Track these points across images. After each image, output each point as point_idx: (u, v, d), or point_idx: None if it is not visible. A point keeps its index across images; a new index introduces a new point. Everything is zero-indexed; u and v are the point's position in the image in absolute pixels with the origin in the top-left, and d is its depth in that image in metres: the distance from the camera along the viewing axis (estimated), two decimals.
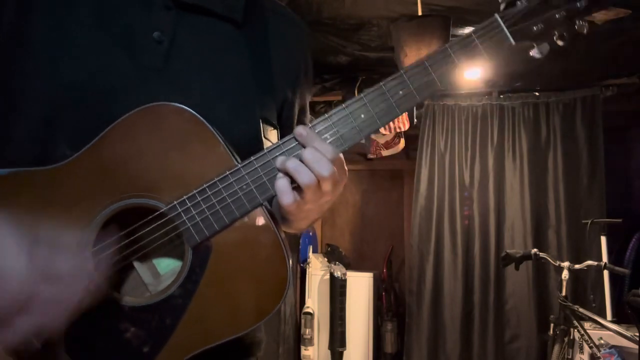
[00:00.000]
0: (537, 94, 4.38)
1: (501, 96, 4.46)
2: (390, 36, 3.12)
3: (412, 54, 2.84)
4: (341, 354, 4.39)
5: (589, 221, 3.27)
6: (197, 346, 0.77)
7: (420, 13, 2.99)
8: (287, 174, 0.77)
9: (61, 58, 0.80)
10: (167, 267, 0.83)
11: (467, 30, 3.58)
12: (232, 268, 0.79)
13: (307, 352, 4.36)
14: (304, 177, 0.76)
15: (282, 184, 0.77)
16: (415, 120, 4.35)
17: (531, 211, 4.26)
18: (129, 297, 0.79)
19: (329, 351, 4.41)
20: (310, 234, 4.86)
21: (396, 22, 2.99)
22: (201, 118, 0.78)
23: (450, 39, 2.86)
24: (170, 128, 0.78)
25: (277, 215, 0.88)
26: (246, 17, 0.93)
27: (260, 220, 0.80)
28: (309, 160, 0.76)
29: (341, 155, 0.79)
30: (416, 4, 2.97)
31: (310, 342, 4.36)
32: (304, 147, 0.78)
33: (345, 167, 0.81)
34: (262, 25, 0.96)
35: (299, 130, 0.78)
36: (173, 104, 0.77)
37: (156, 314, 0.77)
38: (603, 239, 3.27)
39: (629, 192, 5.21)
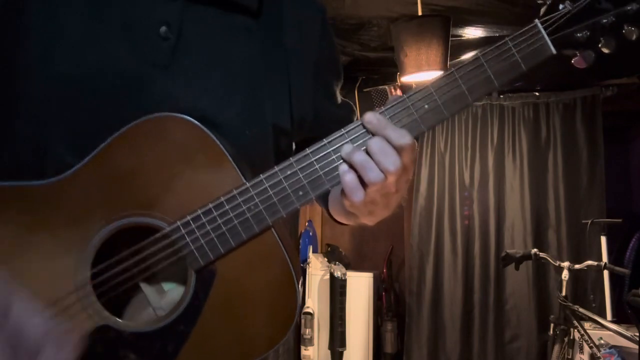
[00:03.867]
0: (537, 94, 4.38)
1: (501, 96, 4.46)
2: (390, 36, 3.12)
3: (412, 54, 2.84)
4: (341, 354, 4.38)
5: (589, 221, 3.26)
6: None
7: (420, 13, 2.99)
8: (352, 166, 0.70)
9: (58, 52, 0.75)
10: (174, 287, 0.78)
11: (467, 30, 3.60)
12: (237, 294, 0.74)
13: (307, 352, 4.35)
14: (372, 174, 0.69)
15: (350, 180, 0.70)
16: None
17: (531, 211, 4.26)
18: (130, 322, 0.75)
19: (329, 351, 4.41)
20: (311, 234, 4.85)
21: (396, 22, 2.99)
22: (208, 131, 0.72)
23: (451, 39, 2.86)
24: (175, 142, 0.73)
25: (339, 206, 0.82)
26: (261, 4, 0.86)
27: (269, 244, 0.74)
28: (376, 151, 0.69)
29: (414, 141, 0.71)
30: (416, 4, 2.97)
31: (310, 342, 4.35)
32: (372, 135, 0.71)
33: (415, 154, 0.73)
34: (277, 13, 0.88)
35: (369, 116, 0.71)
36: (179, 115, 0.72)
37: (157, 340, 0.73)
38: (603, 239, 3.27)
39: (629, 192, 5.21)
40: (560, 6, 0.72)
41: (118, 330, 0.73)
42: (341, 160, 0.72)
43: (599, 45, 0.73)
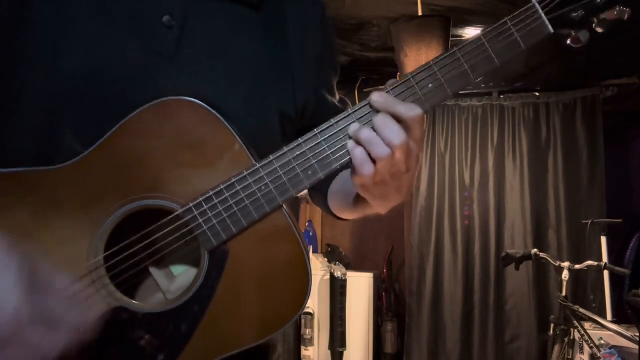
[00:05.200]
0: (537, 94, 4.38)
1: (501, 96, 4.46)
2: (390, 36, 3.12)
3: (412, 54, 2.84)
4: (341, 354, 4.38)
5: (589, 221, 3.26)
6: (215, 354, 0.74)
7: (420, 13, 2.99)
8: (359, 143, 0.72)
9: (64, 45, 0.76)
10: (184, 271, 0.79)
11: (467, 30, 3.60)
12: (250, 273, 0.75)
13: (307, 352, 4.35)
14: (378, 149, 0.71)
15: (359, 153, 0.71)
16: None
17: (531, 211, 4.26)
18: (144, 303, 0.76)
19: (329, 351, 4.41)
20: (311, 234, 4.86)
21: (396, 22, 3.00)
22: (217, 114, 0.74)
23: (451, 39, 2.86)
24: (184, 125, 0.74)
25: (346, 200, 0.83)
26: None
27: (280, 223, 0.75)
28: (379, 125, 0.71)
29: (424, 114, 0.73)
30: (416, 4, 2.97)
31: (310, 342, 4.35)
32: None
33: (424, 129, 0.76)
34: (279, 8, 0.91)
35: (375, 95, 0.73)
36: (187, 98, 0.74)
37: (171, 320, 0.74)
38: (603, 239, 3.27)
39: (629, 192, 5.21)
40: None
41: (132, 311, 0.74)
42: (348, 139, 0.74)
43: (593, 25, 0.75)
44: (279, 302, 0.76)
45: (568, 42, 0.77)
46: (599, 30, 0.75)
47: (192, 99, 0.74)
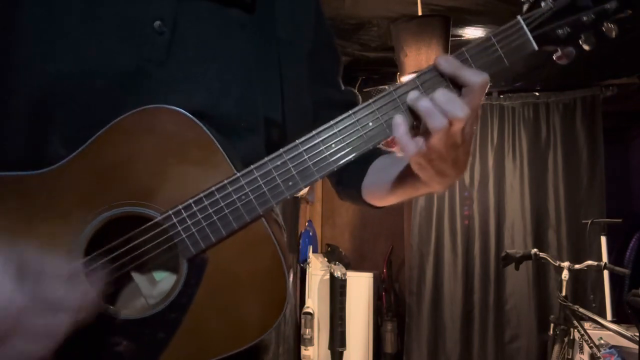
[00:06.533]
0: (537, 94, 4.38)
1: (501, 96, 4.46)
2: (390, 36, 3.12)
3: (412, 54, 2.84)
4: (341, 354, 4.38)
5: (589, 221, 3.26)
6: None
7: (420, 13, 2.99)
8: (417, 114, 0.71)
9: (55, 49, 0.76)
10: (166, 277, 0.79)
11: (467, 30, 3.60)
12: (229, 281, 0.75)
13: (307, 352, 4.35)
14: (435, 121, 0.69)
15: (402, 132, 0.70)
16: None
17: (531, 211, 4.26)
18: (123, 309, 0.76)
19: (329, 351, 4.41)
20: (310, 234, 4.85)
21: (396, 22, 3.00)
22: (198, 122, 0.73)
23: (451, 39, 2.86)
24: (166, 133, 0.73)
25: (387, 187, 0.82)
26: None
27: (259, 232, 0.75)
28: (441, 101, 0.69)
29: (488, 80, 0.71)
30: (416, 4, 2.98)
31: (310, 342, 4.35)
32: (444, 79, 0.71)
33: (482, 98, 0.73)
34: (270, 6, 0.89)
35: (440, 60, 0.72)
36: (169, 106, 0.73)
37: (149, 327, 0.74)
38: (603, 239, 3.27)
39: (629, 192, 5.21)
40: (542, 3, 0.73)
41: (111, 317, 0.74)
42: (337, 146, 0.72)
43: (580, 42, 0.74)
44: (257, 310, 0.75)
45: (554, 58, 0.76)
46: (586, 47, 0.74)
47: (175, 108, 0.73)
